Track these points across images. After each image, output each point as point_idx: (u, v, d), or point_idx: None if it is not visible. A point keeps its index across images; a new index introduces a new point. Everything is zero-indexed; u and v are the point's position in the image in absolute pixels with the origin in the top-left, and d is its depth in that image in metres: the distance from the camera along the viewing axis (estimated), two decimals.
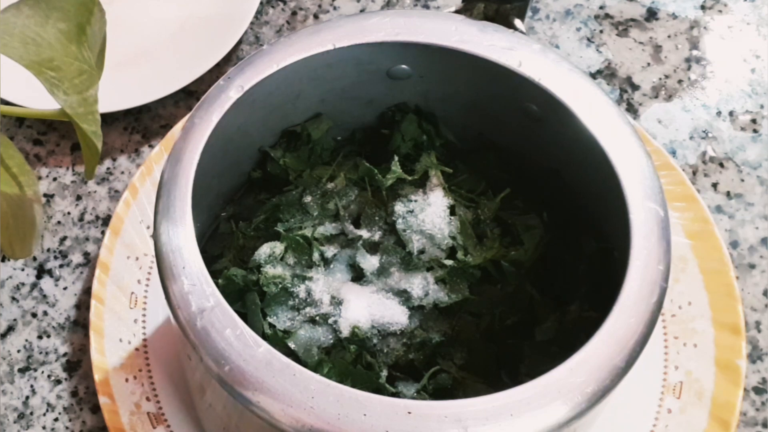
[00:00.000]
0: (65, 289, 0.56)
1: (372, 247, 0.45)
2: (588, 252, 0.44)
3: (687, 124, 0.60)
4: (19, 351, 0.54)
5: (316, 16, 0.66)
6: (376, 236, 0.45)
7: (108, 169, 0.60)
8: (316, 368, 0.41)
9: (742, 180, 0.58)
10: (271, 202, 0.47)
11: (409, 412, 0.33)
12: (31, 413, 0.52)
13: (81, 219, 0.58)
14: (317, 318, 0.43)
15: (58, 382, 0.53)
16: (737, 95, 0.61)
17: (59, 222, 0.58)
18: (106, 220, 0.58)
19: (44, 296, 0.55)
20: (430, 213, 0.45)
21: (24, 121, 0.62)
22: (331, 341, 0.42)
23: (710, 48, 0.63)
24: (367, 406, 0.33)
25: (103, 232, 0.57)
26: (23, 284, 0.56)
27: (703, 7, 0.65)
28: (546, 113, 0.43)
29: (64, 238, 0.57)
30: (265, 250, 0.44)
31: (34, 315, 0.55)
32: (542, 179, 0.47)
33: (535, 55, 0.42)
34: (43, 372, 0.53)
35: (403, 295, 0.44)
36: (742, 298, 0.52)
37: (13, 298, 0.55)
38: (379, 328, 0.43)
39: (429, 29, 0.43)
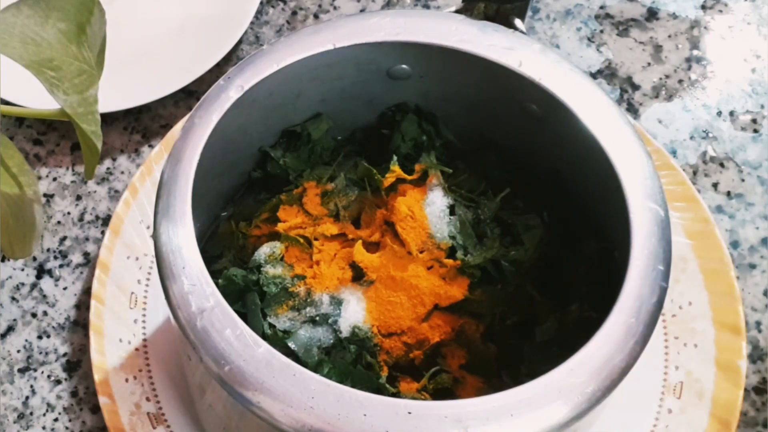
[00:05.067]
0: (65, 289, 0.56)
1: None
2: (588, 252, 0.44)
3: (687, 124, 0.60)
4: (19, 351, 0.54)
5: (316, 16, 0.66)
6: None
7: (108, 169, 0.60)
8: (316, 368, 0.41)
9: (743, 180, 0.58)
10: (271, 202, 0.47)
11: (409, 412, 0.33)
12: (31, 413, 0.52)
13: (81, 219, 0.58)
14: (317, 318, 0.43)
15: (58, 382, 0.53)
16: (738, 95, 0.61)
17: (59, 222, 0.58)
18: (106, 220, 0.58)
19: (44, 296, 0.55)
20: (430, 213, 0.45)
21: (24, 121, 0.62)
22: (331, 341, 0.42)
23: (711, 48, 0.63)
24: (367, 406, 0.33)
25: (103, 232, 0.57)
26: (23, 284, 0.56)
27: (703, 7, 0.65)
28: (546, 113, 0.43)
29: (64, 238, 0.57)
30: (265, 250, 0.44)
31: (34, 315, 0.55)
32: (542, 179, 0.47)
33: (535, 55, 0.42)
34: (43, 372, 0.53)
35: None
36: (742, 298, 0.52)
37: (13, 298, 0.55)
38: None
39: (429, 29, 0.43)
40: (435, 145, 0.48)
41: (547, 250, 0.46)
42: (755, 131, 0.60)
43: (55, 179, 0.60)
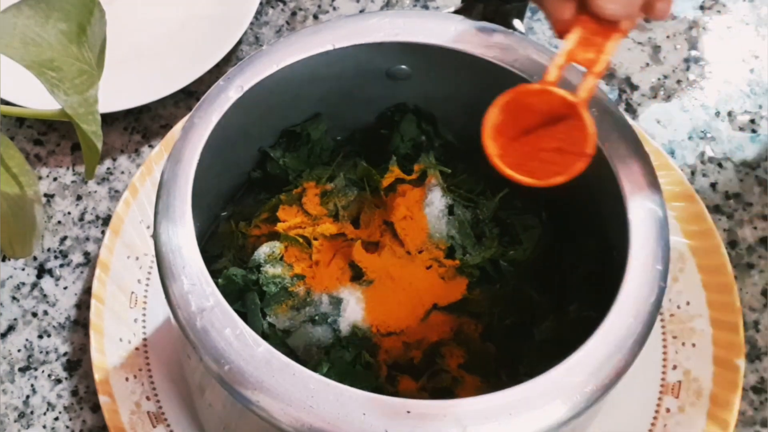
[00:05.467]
0: (65, 288, 0.56)
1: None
2: (587, 252, 0.44)
3: (685, 125, 0.60)
4: (19, 350, 0.54)
5: (315, 17, 0.66)
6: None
7: (108, 169, 0.60)
8: (315, 368, 0.41)
9: (741, 180, 0.58)
10: (270, 202, 0.47)
11: (409, 412, 0.33)
12: (32, 412, 0.52)
13: (81, 219, 0.58)
14: (317, 317, 0.43)
15: (59, 381, 0.53)
16: (736, 95, 0.61)
17: (59, 222, 0.58)
18: (106, 220, 0.58)
19: (44, 296, 0.56)
20: (429, 213, 0.45)
21: (24, 121, 0.62)
22: (331, 341, 0.42)
23: (709, 48, 0.63)
24: (366, 406, 0.33)
25: (103, 232, 0.57)
26: (23, 284, 0.56)
27: (701, 8, 0.65)
28: None
29: (64, 238, 0.57)
30: (264, 250, 0.44)
31: (34, 314, 0.55)
32: None
33: (534, 55, 0.42)
34: (43, 371, 0.53)
35: None
36: (740, 297, 0.52)
37: (14, 298, 0.56)
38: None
39: (428, 29, 0.43)
40: (434, 145, 0.49)
41: (546, 249, 0.46)
42: (753, 131, 0.60)
43: (55, 179, 0.60)
